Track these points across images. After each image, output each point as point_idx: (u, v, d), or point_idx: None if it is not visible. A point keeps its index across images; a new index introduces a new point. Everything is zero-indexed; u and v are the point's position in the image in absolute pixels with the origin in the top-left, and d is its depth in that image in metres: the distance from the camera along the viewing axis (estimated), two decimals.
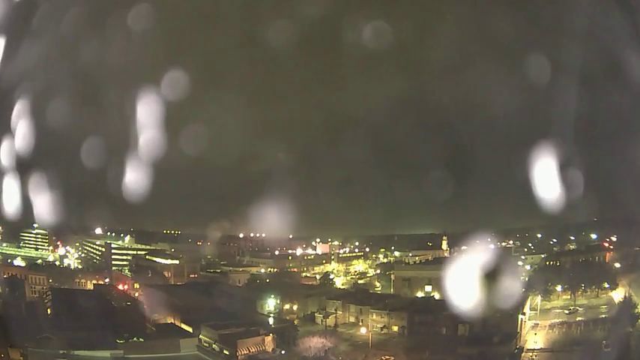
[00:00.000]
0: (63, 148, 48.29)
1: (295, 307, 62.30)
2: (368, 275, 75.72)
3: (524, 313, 54.00)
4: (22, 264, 68.55)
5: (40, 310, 54.74)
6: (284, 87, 54.78)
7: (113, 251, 71.98)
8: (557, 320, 54.76)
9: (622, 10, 36.26)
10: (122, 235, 77.49)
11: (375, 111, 51.18)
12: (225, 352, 50.75)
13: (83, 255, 76.79)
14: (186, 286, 65.98)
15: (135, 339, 50.19)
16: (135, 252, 74.52)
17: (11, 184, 44.62)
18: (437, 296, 62.52)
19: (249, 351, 50.79)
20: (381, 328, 56.63)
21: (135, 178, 48.28)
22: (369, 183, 56.27)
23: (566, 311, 56.20)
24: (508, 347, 49.27)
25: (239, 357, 50.13)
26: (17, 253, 73.10)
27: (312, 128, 56.43)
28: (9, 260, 69.52)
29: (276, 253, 75.78)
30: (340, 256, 77.53)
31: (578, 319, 53.63)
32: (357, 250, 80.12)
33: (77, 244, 77.20)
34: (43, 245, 76.08)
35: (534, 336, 52.62)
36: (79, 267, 73.13)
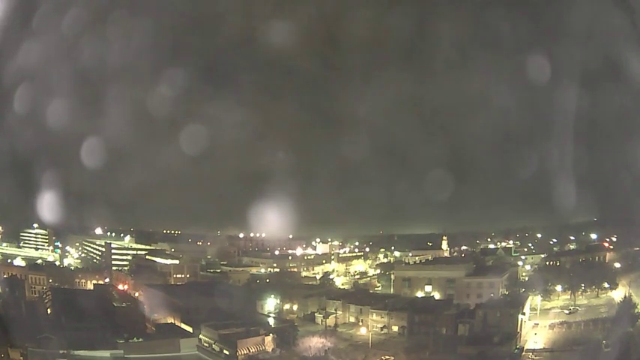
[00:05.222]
0: (63, 148, 48.36)
1: (295, 307, 62.31)
2: (368, 275, 75.69)
3: (524, 313, 54.00)
4: (22, 264, 68.45)
5: (40, 310, 54.63)
6: (284, 87, 54.82)
7: (113, 251, 71.86)
8: (557, 320, 54.76)
9: (622, 10, 36.31)
10: (122, 235, 77.47)
11: (375, 111, 51.22)
12: (225, 352, 50.73)
13: (83, 255, 76.78)
14: (186, 286, 65.96)
15: (135, 339, 50.15)
16: (135, 252, 74.44)
17: (11, 183, 44.70)
18: (437, 296, 62.57)
19: (249, 351, 50.76)
20: (381, 328, 56.62)
21: (135, 178, 48.33)
22: (369, 183, 56.30)
23: (566, 311, 56.20)
24: (508, 347, 49.28)
25: (239, 357, 50.10)
26: (17, 253, 73.06)
27: (312, 128, 56.47)
28: (9, 260, 69.42)
29: (276, 253, 75.77)
30: (340, 256, 77.47)
31: (578, 319, 53.61)
32: (357, 250, 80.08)
33: (77, 244, 77.19)
34: (43, 245, 76.07)
35: (534, 336, 52.64)
36: (79, 267, 73.07)
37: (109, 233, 77.07)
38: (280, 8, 47.24)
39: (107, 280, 66.81)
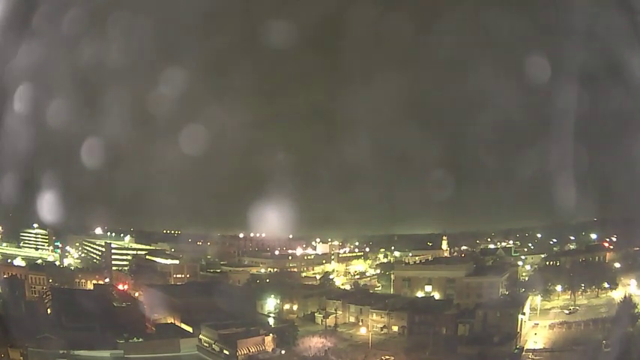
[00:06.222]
0: (63, 148, 48.36)
1: (295, 307, 62.37)
2: (368, 275, 75.73)
3: (524, 313, 54.04)
4: (22, 264, 68.51)
5: (40, 310, 54.74)
6: (284, 87, 54.83)
7: (113, 251, 71.94)
8: (557, 320, 54.81)
9: (622, 10, 36.30)
10: (122, 235, 77.54)
11: (376, 111, 51.21)
12: (225, 352, 50.81)
13: (83, 255, 76.83)
14: (186, 286, 66.00)
15: (135, 339, 50.21)
16: (135, 252, 74.51)
17: (11, 183, 44.72)
18: (437, 296, 62.57)
19: (249, 351, 50.84)
20: (381, 328, 56.67)
21: (135, 178, 48.34)
22: (369, 183, 56.25)
23: (566, 311, 56.24)
24: (508, 347, 49.35)
25: (239, 357, 50.16)
26: (17, 253, 73.11)
27: (313, 128, 56.45)
28: (9, 260, 69.46)
29: (276, 253, 75.80)
30: (340, 256, 77.50)
31: (578, 319, 53.65)
32: (357, 250, 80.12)
33: (77, 244, 77.25)
34: (43, 245, 76.11)
35: (534, 336, 52.69)
36: (79, 267, 73.13)
37: (109, 233, 77.13)
38: (280, 8, 47.26)
39: (107, 280, 66.87)
